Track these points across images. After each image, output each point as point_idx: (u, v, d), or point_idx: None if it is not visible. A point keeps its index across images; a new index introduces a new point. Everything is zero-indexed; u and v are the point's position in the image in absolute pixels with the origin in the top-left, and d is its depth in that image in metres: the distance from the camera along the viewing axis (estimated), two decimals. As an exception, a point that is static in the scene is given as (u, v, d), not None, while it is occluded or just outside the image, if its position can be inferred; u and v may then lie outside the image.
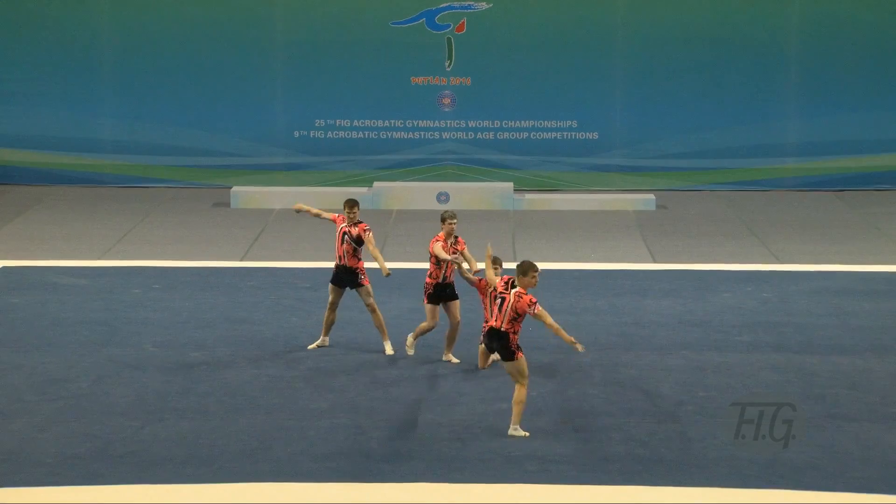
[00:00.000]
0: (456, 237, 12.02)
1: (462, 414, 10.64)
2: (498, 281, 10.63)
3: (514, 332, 10.30)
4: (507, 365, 10.31)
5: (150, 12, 21.50)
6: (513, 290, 10.35)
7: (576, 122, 21.69)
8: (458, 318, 12.00)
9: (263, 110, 21.64)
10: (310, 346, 12.40)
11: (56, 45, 21.37)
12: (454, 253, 11.90)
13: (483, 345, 11.57)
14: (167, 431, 10.19)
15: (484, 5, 21.51)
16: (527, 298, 10.26)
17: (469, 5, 21.49)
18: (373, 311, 12.29)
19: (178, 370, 11.72)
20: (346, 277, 12.33)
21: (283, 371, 11.72)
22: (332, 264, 16.22)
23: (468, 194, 20.23)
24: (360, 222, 12.48)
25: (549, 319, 10.20)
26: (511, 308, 10.26)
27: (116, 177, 21.63)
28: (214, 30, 21.51)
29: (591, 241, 18.04)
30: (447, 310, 11.95)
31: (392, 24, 21.53)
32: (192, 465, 9.54)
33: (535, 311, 10.18)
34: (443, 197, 20.27)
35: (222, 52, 21.51)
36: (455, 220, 12.04)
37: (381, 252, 17.31)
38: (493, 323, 10.44)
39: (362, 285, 12.30)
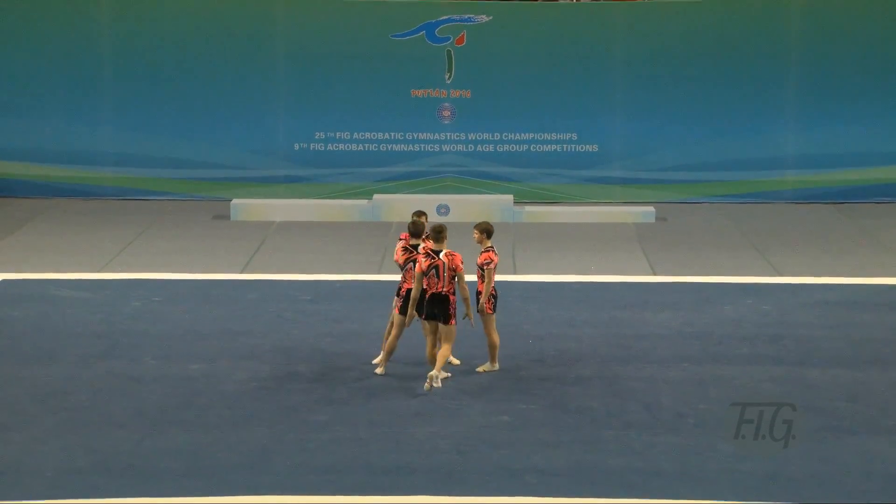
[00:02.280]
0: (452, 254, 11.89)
1: (462, 426, 10.64)
2: (420, 256, 11.47)
3: (452, 294, 11.40)
4: (446, 328, 11.41)
5: (149, 25, 21.53)
6: (441, 254, 11.31)
7: (576, 135, 21.72)
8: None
9: (263, 122, 21.68)
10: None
11: (55, 57, 21.40)
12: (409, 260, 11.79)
13: (424, 318, 11.59)
14: (167, 444, 10.19)
15: (484, 18, 21.56)
16: (458, 256, 11.44)
17: (469, 18, 21.54)
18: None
19: (178, 382, 11.73)
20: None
21: (282, 383, 11.73)
22: (331, 277, 16.31)
23: (468, 206, 20.25)
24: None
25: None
26: (447, 269, 11.35)
27: (116, 189, 21.65)
28: (214, 42, 21.56)
29: (591, 254, 18.05)
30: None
31: (392, 36, 21.58)
32: (191, 477, 9.54)
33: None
34: (443, 209, 20.29)
35: (222, 65, 21.55)
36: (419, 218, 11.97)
37: (381, 265, 17.36)
38: (436, 289, 11.34)
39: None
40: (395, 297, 11.96)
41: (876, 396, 11.43)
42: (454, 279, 11.49)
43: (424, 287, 11.54)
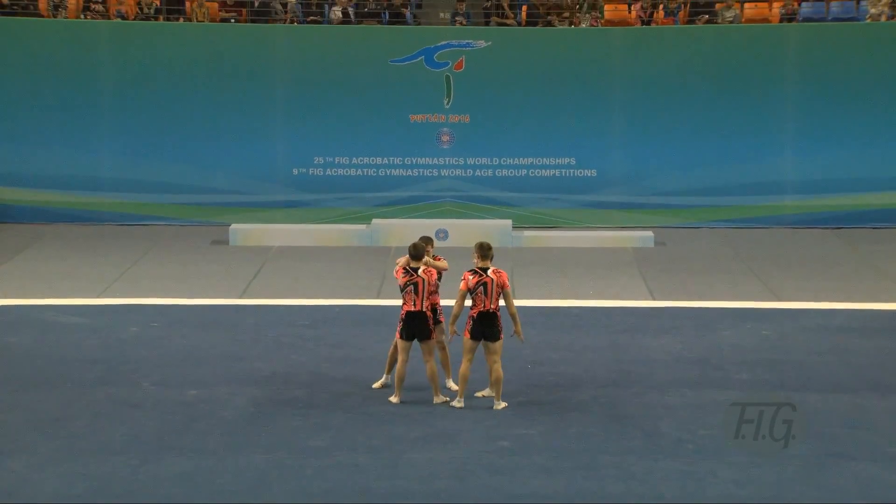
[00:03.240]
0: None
1: (461, 452, 10.63)
2: (466, 275, 11.46)
3: (498, 311, 11.43)
4: (497, 345, 11.44)
5: (149, 52, 21.63)
6: (489, 271, 11.37)
7: (574, 160, 21.77)
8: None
9: (262, 148, 21.74)
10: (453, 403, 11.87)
11: (56, 84, 21.49)
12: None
13: (469, 338, 11.51)
14: (165, 470, 10.17)
15: (482, 43, 21.64)
16: (505, 273, 11.51)
17: (467, 43, 21.62)
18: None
19: (177, 408, 11.71)
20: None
21: (281, 409, 11.71)
22: (330, 302, 16.31)
23: (467, 231, 20.27)
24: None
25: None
26: (497, 286, 11.40)
27: (115, 215, 21.69)
28: (214, 68, 21.63)
29: (590, 279, 18.06)
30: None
31: (391, 61, 21.66)
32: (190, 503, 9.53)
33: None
34: (441, 234, 20.32)
35: (221, 91, 21.62)
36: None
37: (380, 290, 17.36)
38: (484, 307, 11.36)
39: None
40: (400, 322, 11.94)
41: (875, 422, 11.42)
42: (500, 296, 11.49)
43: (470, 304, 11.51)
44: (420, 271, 11.57)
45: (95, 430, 11.11)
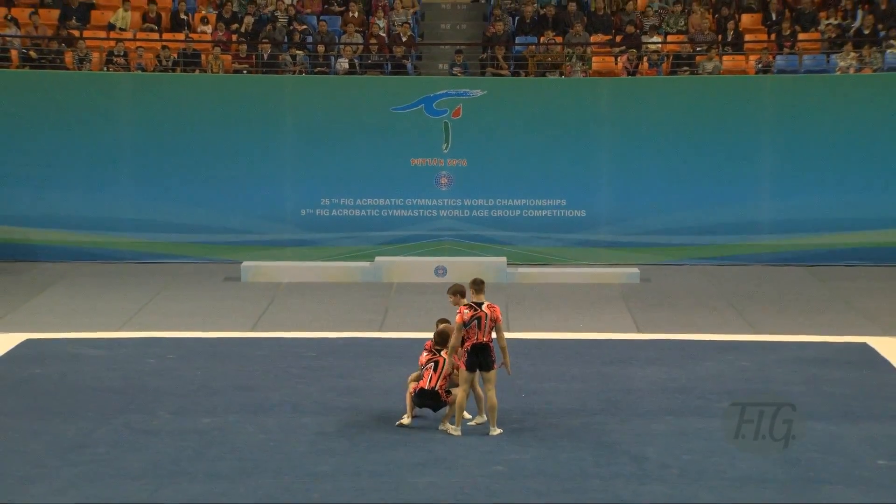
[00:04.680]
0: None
1: (458, 476, 10.60)
2: (460, 310, 11.49)
3: (491, 343, 11.48)
4: (491, 374, 11.43)
5: (167, 101, 21.72)
6: (483, 305, 11.41)
7: (564, 201, 21.81)
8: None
9: (272, 190, 21.77)
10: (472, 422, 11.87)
11: (80, 132, 21.58)
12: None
13: (465, 369, 11.47)
14: (180, 494, 10.14)
15: (479, 92, 21.73)
16: (498, 308, 11.52)
17: (465, 92, 21.71)
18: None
19: (191, 436, 11.68)
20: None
21: (288, 435, 11.69)
22: (335, 335, 16.28)
23: (464, 268, 20.25)
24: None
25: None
26: (490, 320, 11.42)
27: (134, 253, 21.70)
28: (227, 116, 21.71)
29: (580, 313, 18.05)
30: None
31: (393, 109, 21.73)
32: (203, 526, 9.49)
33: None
34: (440, 271, 20.33)
35: (234, 137, 21.69)
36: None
37: (383, 323, 17.35)
38: (477, 340, 11.36)
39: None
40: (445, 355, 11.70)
41: (847, 448, 11.39)
42: (493, 329, 11.53)
43: (465, 338, 11.51)
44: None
45: (115, 457, 11.08)
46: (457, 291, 11.79)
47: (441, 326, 11.98)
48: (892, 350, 15.27)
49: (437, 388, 11.62)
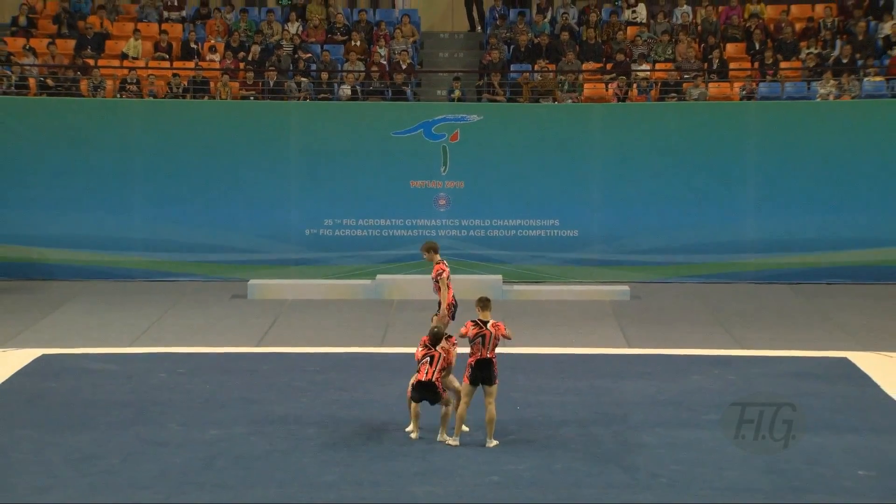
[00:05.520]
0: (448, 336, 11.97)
1: (456, 485, 10.58)
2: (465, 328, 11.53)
3: (495, 358, 11.50)
4: (493, 388, 11.45)
5: (177, 126, 21.75)
6: (488, 324, 11.39)
7: (558, 221, 21.82)
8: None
9: (278, 211, 21.78)
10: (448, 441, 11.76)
11: (94, 156, 21.61)
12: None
13: (468, 383, 11.53)
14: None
15: (475, 117, 21.77)
16: (502, 325, 11.52)
17: (462, 117, 21.75)
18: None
19: (199, 447, 11.66)
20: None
21: (293, 447, 11.67)
22: (338, 350, 16.28)
23: (461, 286, 19.98)
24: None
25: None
26: (494, 338, 11.44)
27: (145, 272, 21.69)
28: (234, 141, 21.74)
29: (573, 329, 18.05)
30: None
31: (393, 134, 21.77)
32: (211, 534, 9.47)
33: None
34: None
35: (241, 161, 21.72)
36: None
37: (384, 339, 17.34)
38: (481, 356, 11.40)
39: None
40: (433, 370, 11.70)
41: (830, 459, 11.38)
42: (496, 346, 11.57)
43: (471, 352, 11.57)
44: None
45: (126, 467, 11.06)
46: (430, 248, 12.31)
47: (433, 326, 11.96)
48: (871, 364, 15.27)
49: (433, 380, 11.63)
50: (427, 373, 11.64)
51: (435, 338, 11.80)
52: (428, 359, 11.70)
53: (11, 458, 11.31)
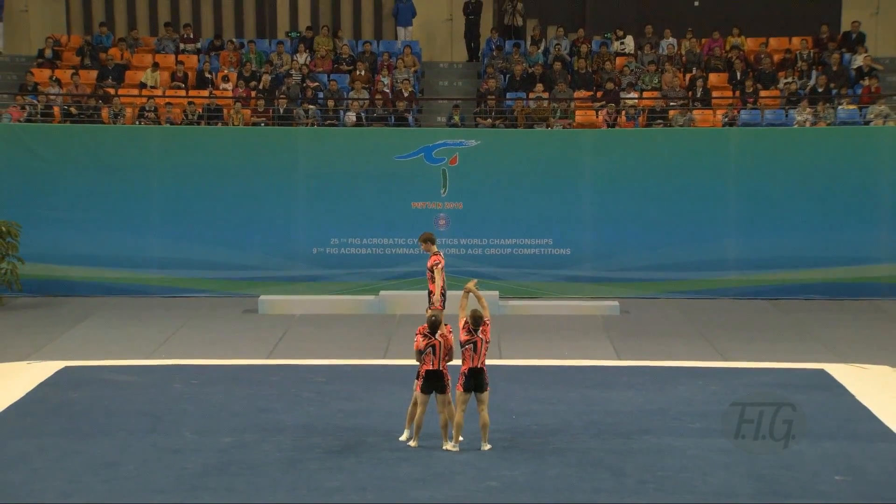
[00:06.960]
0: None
1: (455, 490, 10.58)
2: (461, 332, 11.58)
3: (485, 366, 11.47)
4: (485, 395, 11.44)
5: (192, 151, 21.79)
6: (478, 330, 11.43)
7: (551, 240, 21.83)
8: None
9: (287, 231, 21.79)
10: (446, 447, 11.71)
11: (114, 180, 21.63)
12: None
13: (462, 391, 11.52)
14: (203, 507, 10.11)
15: (473, 143, 21.81)
16: (488, 328, 11.55)
17: (461, 142, 21.79)
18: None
19: (213, 454, 11.66)
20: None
21: (301, 454, 11.66)
22: (344, 362, 16.27)
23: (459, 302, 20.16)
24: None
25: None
26: (485, 343, 11.45)
27: (161, 288, 21.70)
28: (246, 165, 21.77)
29: (565, 342, 18.04)
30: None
31: (396, 158, 21.81)
32: (223, 536, 9.45)
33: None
34: (439, 303, 20.26)
35: (252, 183, 21.74)
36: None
37: (387, 351, 17.33)
38: (473, 364, 11.39)
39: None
40: (416, 380, 11.89)
41: (807, 465, 11.37)
42: (486, 353, 11.60)
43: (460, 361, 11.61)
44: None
45: (143, 473, 11.06)
46: (426, 239, 12.55)
47: (429, 315, 11.94)
48: (847, 375, 15.26)
49: (441, 369, 11.63)
50: (433, 363, 11.61)
51: (433, 326, 11.79)
52: (431, 349, 11.66)
53: (36, 464, 11.31)
